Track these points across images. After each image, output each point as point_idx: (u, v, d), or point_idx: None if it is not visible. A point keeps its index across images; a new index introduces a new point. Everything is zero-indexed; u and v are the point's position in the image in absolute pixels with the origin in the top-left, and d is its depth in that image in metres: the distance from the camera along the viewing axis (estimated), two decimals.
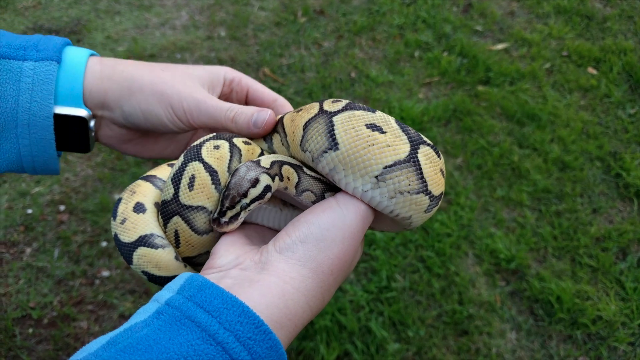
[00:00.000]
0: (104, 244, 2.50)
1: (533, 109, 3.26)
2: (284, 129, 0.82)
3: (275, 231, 0.83)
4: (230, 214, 0.71)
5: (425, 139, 0.76)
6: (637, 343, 2.30)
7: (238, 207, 0.71)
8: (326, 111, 0.76)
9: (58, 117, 0.79)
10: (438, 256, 2.53)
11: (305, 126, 0.77)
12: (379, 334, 2.24)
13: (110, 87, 0.82)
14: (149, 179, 0.83)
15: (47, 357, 2.14)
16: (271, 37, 3.75)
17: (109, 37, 3.69)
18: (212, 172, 0.72)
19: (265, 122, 0.82)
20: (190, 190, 0.71)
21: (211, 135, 0.78)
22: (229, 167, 0.74)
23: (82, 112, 0.80)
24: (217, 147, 0.74)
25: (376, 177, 0.71)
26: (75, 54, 0.82)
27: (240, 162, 0.76)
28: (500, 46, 3.78)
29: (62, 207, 2.62)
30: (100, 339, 0.56)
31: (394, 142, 0.72)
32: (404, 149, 0.72)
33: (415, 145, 0.73)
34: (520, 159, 3.01)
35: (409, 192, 0.72)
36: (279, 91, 3.34)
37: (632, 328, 2.34)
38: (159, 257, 0.73)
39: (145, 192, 0.79)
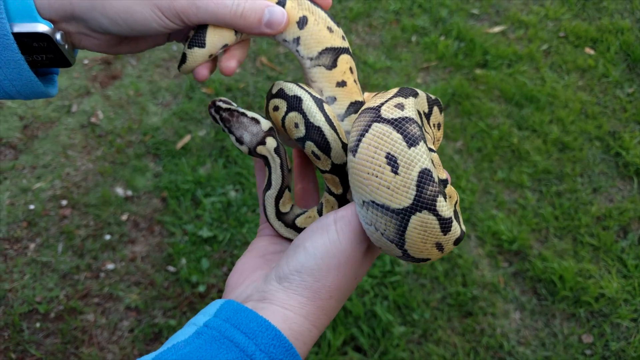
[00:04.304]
0: (108, 237, 2.51)
1: (531, 91, 3.26)
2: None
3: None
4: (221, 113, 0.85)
5: (439, 205, 0.64)
6: None
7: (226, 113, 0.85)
8: (378, 112, 0.69)
9: (19, 37, 0.69)
10: None
11: (361, 113, 0.73)
12: (385, 317, 2.26)
13: None
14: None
15: (56, 351, 2.15)
16: None
17: None
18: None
19: (282, 24, 0.76)
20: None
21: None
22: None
23: (42, 27, 0.69)
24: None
25: (363, 202, 0.68)
26: None
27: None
28: (497, 29, 3.76)
29: (64, 202, 2.62)
30: (145, 358, 0.60)
31: (397, 189, 0.64)
32: (401, 202, 0.64)
33: (415, 208, 0.64)
34: (520, 140, 3.02)
35: (382, 234, 0.68)
36: (277, 80, 3.33)
37: (634, 304, 2.36)
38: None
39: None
